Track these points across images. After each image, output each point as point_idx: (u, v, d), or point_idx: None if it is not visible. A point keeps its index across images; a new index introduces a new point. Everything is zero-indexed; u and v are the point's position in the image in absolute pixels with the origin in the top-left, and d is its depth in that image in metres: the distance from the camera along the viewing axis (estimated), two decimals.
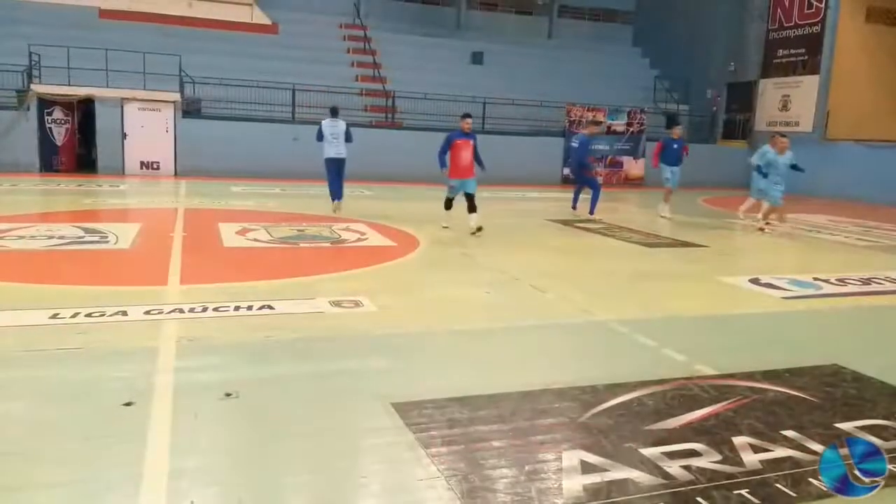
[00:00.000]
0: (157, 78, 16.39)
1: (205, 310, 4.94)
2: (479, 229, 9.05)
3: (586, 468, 2.83)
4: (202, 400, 3.40)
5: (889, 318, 5.79)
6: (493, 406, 3.44)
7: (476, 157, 9.45)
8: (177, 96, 16.85)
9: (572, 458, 2.92)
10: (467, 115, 9.61)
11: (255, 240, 8.18)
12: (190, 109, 17.21)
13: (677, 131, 12.76)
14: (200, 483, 2.67)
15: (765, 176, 10.98)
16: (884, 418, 3.49)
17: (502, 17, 25.74)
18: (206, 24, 20.00)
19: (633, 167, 20.58)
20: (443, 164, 9.33)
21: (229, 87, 17.31)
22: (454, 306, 5.46)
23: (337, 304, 5.22)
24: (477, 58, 22.27)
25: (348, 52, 21.44)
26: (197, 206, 11.38)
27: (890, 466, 2.95)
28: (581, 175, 12.23)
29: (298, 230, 9.04)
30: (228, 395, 3.46)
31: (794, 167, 10.89)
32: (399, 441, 3.03)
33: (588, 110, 20.15)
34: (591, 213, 11.49)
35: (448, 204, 9.65)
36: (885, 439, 3.24)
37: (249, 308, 5.02)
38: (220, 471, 2.79)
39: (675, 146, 12.39)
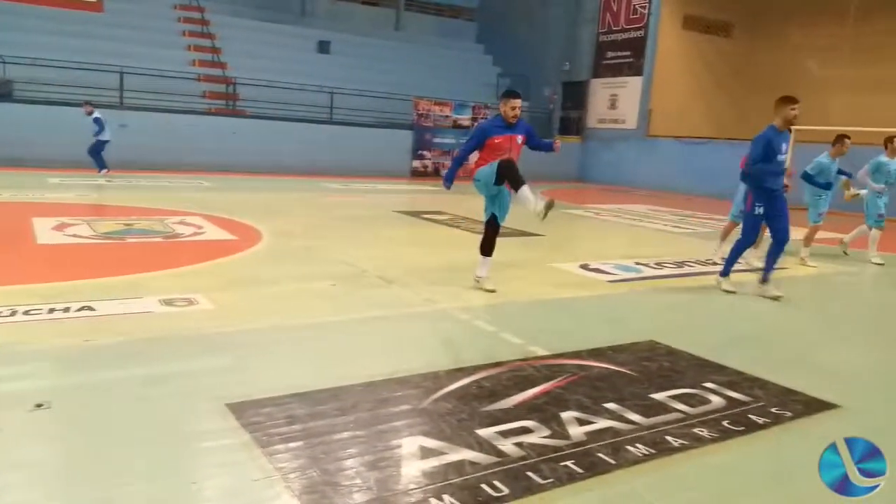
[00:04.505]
0: None
1: (13, 313, 4.44)
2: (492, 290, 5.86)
3: (425, 453, 2.88)
4: (8, 413, 3.05)
5: (698, 297, 6.44)
6: (334, 399, 3.41)
7: (540, 145, 6.04)
8: None
9: (412, 444, 2.96)
10: (512, 94, 5.70)
11: (76, 235, 7.47)
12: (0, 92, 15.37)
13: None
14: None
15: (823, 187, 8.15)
16: (691, 387, 3.87)
17: (349, 6, 25.48)
18: None
19: None
20: (449, 179, 5.87)
21: (47, 68, 15.67)
22: (297, 300, 5.33)
23: (168, 302, 4.90)
24: (324, 47, 21.88)
25: (184, 34, 20.18)
26: (6, 199, 10.19)
27: (696, 430, 3.30)
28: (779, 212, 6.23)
29: (126, 224, 8.38)
30: (39, 405, 3.13)
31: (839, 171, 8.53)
32: (233, 442, 2.91)
33: (435, 104, 20.52)
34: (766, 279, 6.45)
35: (489, 240, 5.94)
36: (693, 406, 3.60)
37: (66, 310, 4.58)
38: (30, 489, 2.52)
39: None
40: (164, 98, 16.82)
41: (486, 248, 5.93)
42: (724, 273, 6.62)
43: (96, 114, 13.70)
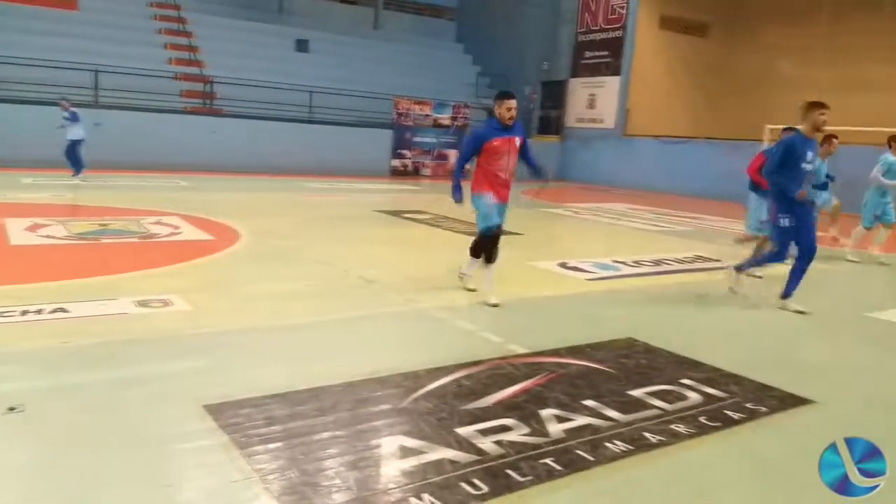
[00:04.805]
0: None
1: None
2: (495, 305, 5.48)
3: (405, 452, 2.88)
4: None
5: (675, 294, 6.50)
6: (314, 400, 3.39)
7: (529, 162, 5.77)
8: None
9: (392, 443, 2.96)
10: (507, 95, 5.47)
11: (49, 236, 7.35)
12: None
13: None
14: None
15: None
16: (668, 384, 3.91)
17: (327, 5, 25.33)
18: None
19: None
20: (458, 190, 5.58)
21: (20, 66, 15.39)
22: (277, 301, 5.29)
23: (144, 304, 4.84)
24: (302, 45, 21.75)
25: (160, 32, 19.95)
26: None
27: (673, 426, 3.33)
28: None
29: (101, 224, 8.27)
30: (12, 409, 3.08)
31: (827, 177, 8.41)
32: (211, 444, 2.88)
33: (415, 103, 20.50)
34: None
35: (482, 246, 5.74)
36: (671, 402, 3.64)
37: (39, 312, 4.50)
38: (2, 493, 2.48)
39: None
40: (139, 97, 16.61)
41: (477, 252, 5.78)
42: (739, 269, 6.32)
43: (72, 109, 13.44)
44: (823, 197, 8.48)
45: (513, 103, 5.43)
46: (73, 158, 13.36)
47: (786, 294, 5.96)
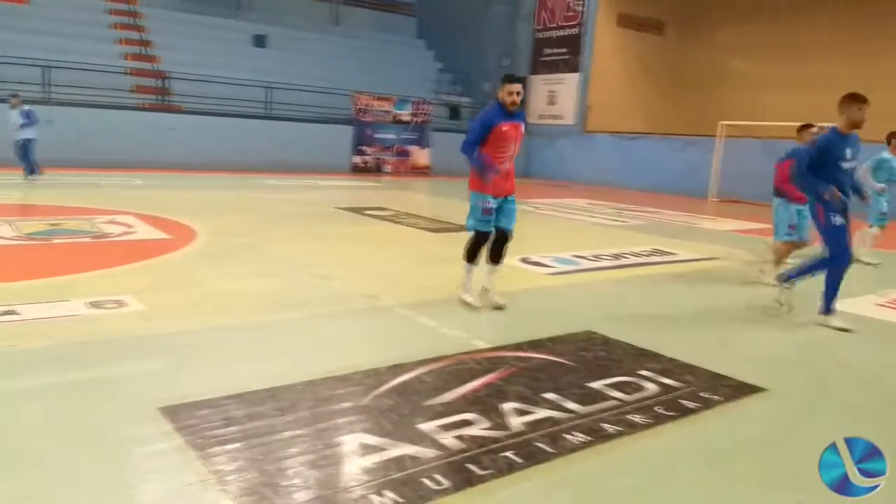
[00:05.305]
0: None
1: None
2: (501, 307, 5.35)
3: (366, 450, 2.87)
4: None
5: (633, 287, 6.61)
6: (273, 400, 3.35)
7: None
8: None
9: (353, 441, 2.95)
10: (512, 78, 5.14)
11: None
12: None
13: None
14: None
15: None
16: (627, 375, 3.98)
17: (285, 0, 25.05)
18: None
19: (420, 156, 21.26)
20: (482, 165, 5.12)
21: None
22: (234, 300, 5.21)
23: (96, 304, 4.72)
24: (260, 41, 21.46)
25: (113, 27, 19.46)
26: None
27: (630, 417, 3.39)
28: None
29: (52, 224, 8.03)
30: None
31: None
32: (167, 447, 2.83)
33: (376, 99, 20.39)
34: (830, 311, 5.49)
35: (476, 248, 5.43)
36: (628, 393, 3.70)
37: None
38: None
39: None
40: (92, 93, 16.17)
41: (473, 255, 5.45)
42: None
43: (26, 107, 12.77)
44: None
45: (517, 87, 5.06)
46: (27, 159, 12.71)
47: (828, 309, 5.39)
